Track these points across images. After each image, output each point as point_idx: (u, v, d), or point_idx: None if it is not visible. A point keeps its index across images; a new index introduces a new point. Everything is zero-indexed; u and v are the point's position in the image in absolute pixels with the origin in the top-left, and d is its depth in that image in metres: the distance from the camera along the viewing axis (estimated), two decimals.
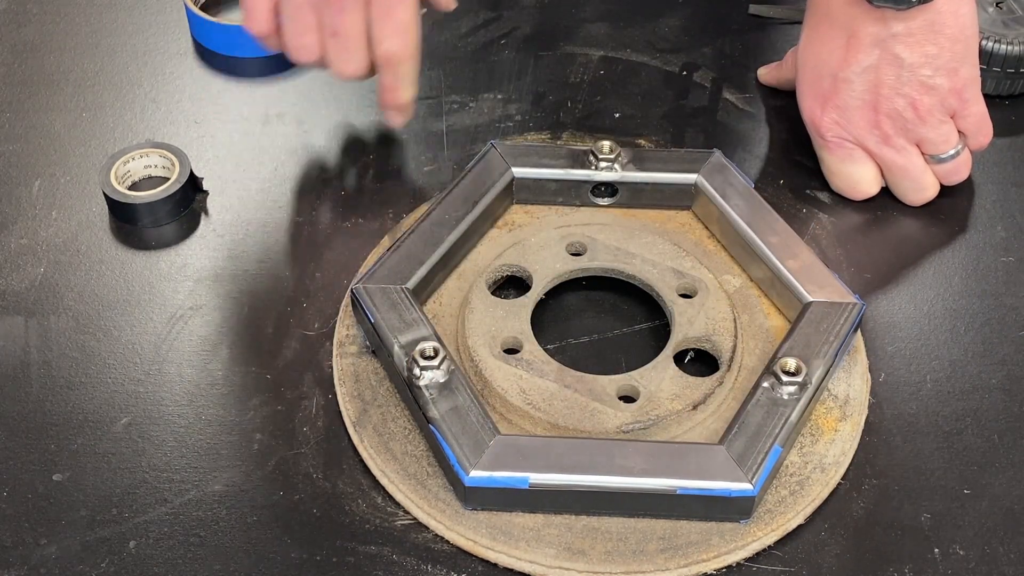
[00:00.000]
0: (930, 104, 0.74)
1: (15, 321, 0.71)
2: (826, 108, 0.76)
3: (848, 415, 0.66)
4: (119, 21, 0.93)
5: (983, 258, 0.76)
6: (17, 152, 0.82)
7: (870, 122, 0.75)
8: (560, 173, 0.76)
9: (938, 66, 0.73)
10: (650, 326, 0.72)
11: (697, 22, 0.94)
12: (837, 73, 0.75)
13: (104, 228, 0.77)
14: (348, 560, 0.61)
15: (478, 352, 0.67)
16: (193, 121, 0.85)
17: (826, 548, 0.62)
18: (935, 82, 0.74)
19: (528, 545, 0.61)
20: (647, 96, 0.87)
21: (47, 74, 0.88)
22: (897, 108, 0.74)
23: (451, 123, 0.85)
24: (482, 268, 0.72)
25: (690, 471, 0.60)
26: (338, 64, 0.75)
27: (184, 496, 0.63)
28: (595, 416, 0.64)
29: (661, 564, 0.60)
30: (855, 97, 0.75)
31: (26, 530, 0.62)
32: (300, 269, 0.75)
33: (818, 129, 0.77)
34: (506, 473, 0.60)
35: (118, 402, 0.67)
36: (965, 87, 0.75)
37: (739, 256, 0.73)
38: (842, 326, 0.67)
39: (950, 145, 0.76)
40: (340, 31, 0.73)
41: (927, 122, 0.75)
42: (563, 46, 0.91)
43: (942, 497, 0.64)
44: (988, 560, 0.61)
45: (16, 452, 0.65)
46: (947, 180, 0.78)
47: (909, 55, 0.73)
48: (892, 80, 0.74)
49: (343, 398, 0.67)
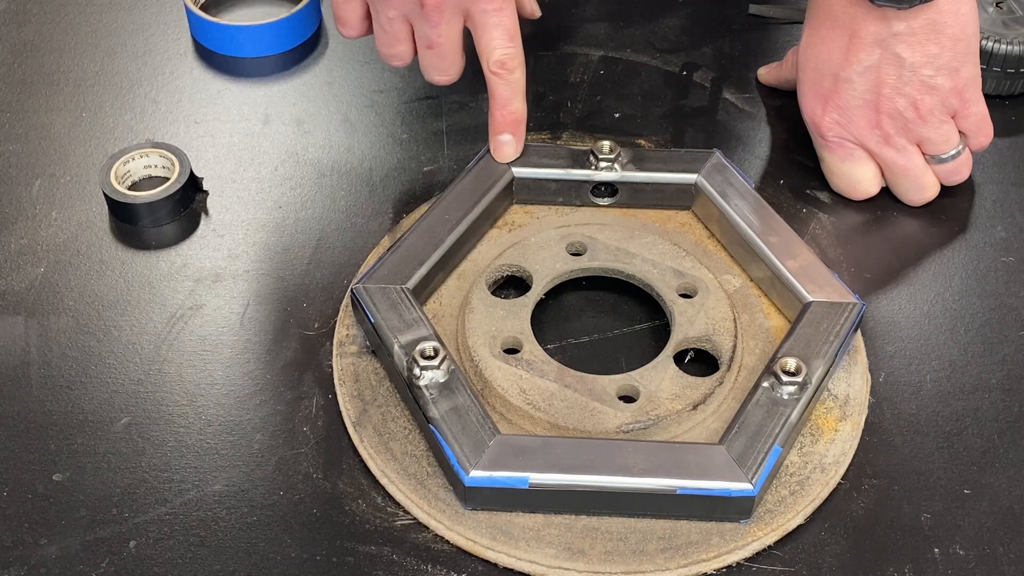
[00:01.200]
0: (931, 104, 0.74)
1: (15, 321, 0.71)
2: (827, 108, 0.76)
3: (848, 415, 0.66)
4: (119, 21, 0.93)
5: (983, 258, 0.76)
6: (17, 152, 0.82)
7: (871, 122, 0.75)
8: (560, 173, 0.76)
9: (939, 65, 0.73)
10: (650, 326, 0.72)
11: (697, 22, 0.94)
12: (838, 73, 0.75)
13: (104, 228, 0.77)
14: (348, 560, 0.61)
15: (478, 352, 0.67)
16: (193, 121, 0.85)
17: (826, 548, 0.62)
18: (936, 82, 0.73)
19: (528, 545, 0.61)
20: (647, 96, 0.87)
21: (47, 74, 0.88)
22: (898, 108, 0.74)
23: (451, 123, 0.85)
24: (482, 268, 0.72)
25: (690, 471, 0.60)
26: (434, 74, 0.75)
27: (184, 496, 0.63)
28: (595, 416, 0.64)
29: (661, 564, 0.60)
30: (856, 97, 0.75)
31: (26, 530, 0.62)
32: (300, 269, 0.75)
33: (819, 129, 0.77)
34: (506, 473, 0.60)
35: (118, 402, 0.67)
36: (966, 87, 0.75)
37: (739, 256, 0.73)
38: (842, 326, 0.67)
39: (951, 145, 0.76)
40: (436, 43, 0.73)
41: (928, 122, 0.75)
42: (563, 46, 0.91)
43: (942, 497, 0.64)
44: (988, 560, 0.61)
45: (16, 452, 0.65)
46: (948, 180, 0.78)
47: (910, 55, 0.73)
48: (893, 80, 0.74)
49: (343, 398, 0.67)
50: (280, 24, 0.89)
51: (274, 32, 0.89)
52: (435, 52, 0.74)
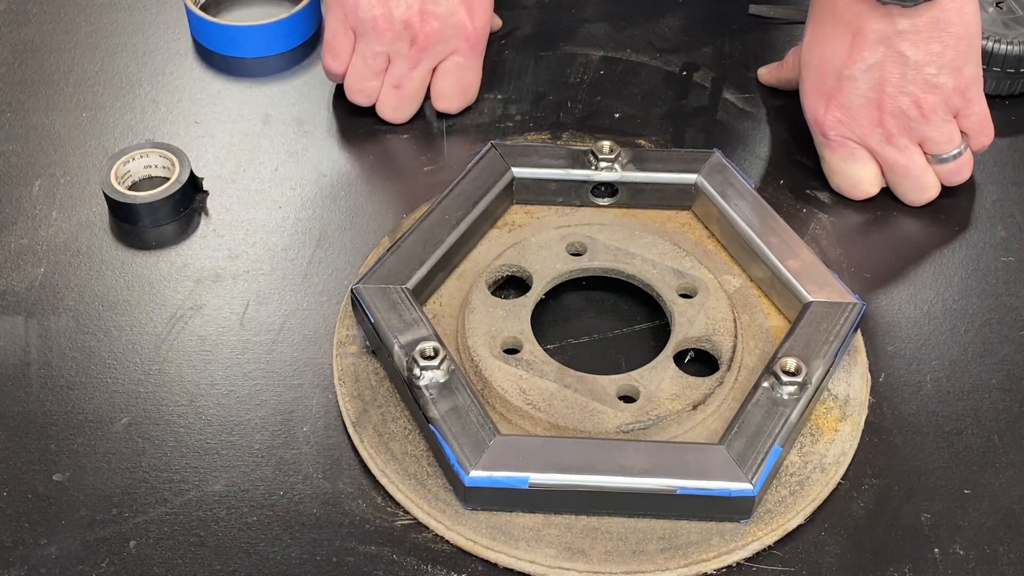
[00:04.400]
0: (934, 103, 0.74)
1: (15, 321, 0.71)
2: (830, 106, 0.76)
3: (848, 415, 0.66)
4: (119, 21, 0.93)
5: (983, 258, 0.76)
6: (17, 152, 0.82)
7: (874, 120, 0.75)
8: (560, 173, 0.76)
9: (943, 64, 0.73)
10: (650, 326, 0.72)
11: (697, 22, 0.94)
12: (842, 71, 0.75)
13: (104, 228, 0.77)
14: (348, 560, 0.61)
15: (478, 352, 0.67)
16: (193, 121, 0.85)
17: (826, 548, 0.62)
18: (940, 80, 0.73)
19: (528, 545, 0.61)
20: (647, 96, 0.87)
21: (47, 74, 0.88)
22: (901, 107, 0.74)
23: (451, 123, 0.85)
24: (482, 268, 0.72)
25: (690, 471, 0.60)
26: (388, 112, 0.82)
27: (184, 496, 0.63)
28: (595, 416, 0.64)
29: (661, 564, 0.60)
30: (859, 95, 0.75)
31: (26, 530, 0.62)
32: (300, 268, 0.75)
33: (821, 127, 0.77)
34: (506, 473, 0.60)
35: (118, 402, 0.67)
36: (968, 86, 0.75)
37: (739, 256, 0.73)
38: (842, 326, 0.67)
39: (953, 145, 0.76)
40: (404, 85, 0.80)
41: (931, 121, 0.75)
42: (563, 46, 0.91)
43: (942, 497, 0.64)
44: (988, 560, 0.61)
45: (16, 452, 0.65)
46: (949, 181, 0.78)
47: (914, 53, 0.73)
48: (897, 78, 0.74)
49: (343, 398, 0.67)
50: (280, 24, 0.89)
51: (274, 32, 0.89)
52: (399, 93, 0.81)
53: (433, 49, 0.79)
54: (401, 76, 0.80)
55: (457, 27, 0.79)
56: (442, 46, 0.79)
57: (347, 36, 0.80)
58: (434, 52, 0.80)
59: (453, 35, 0.79)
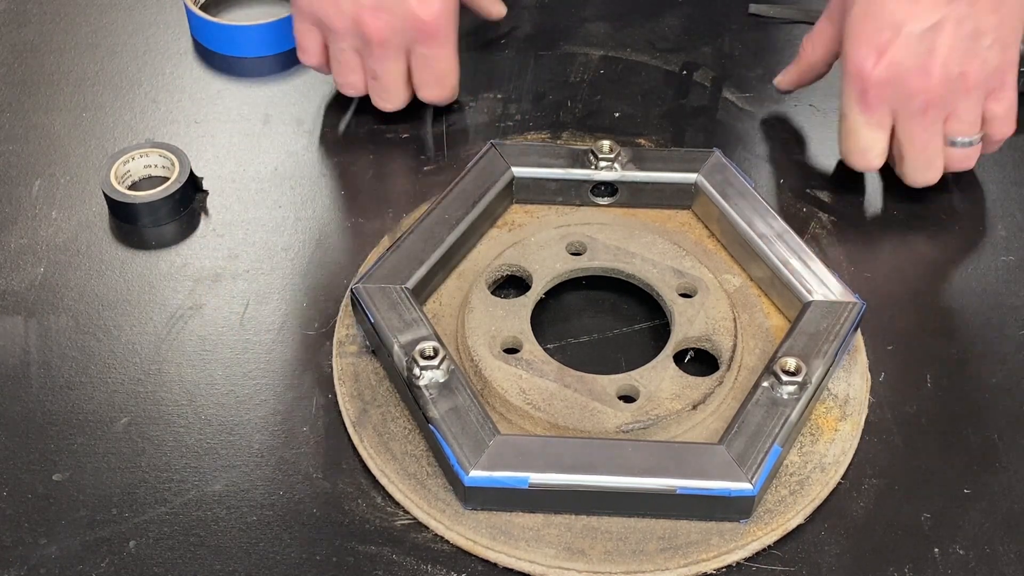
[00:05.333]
0: (978, 78, 0.72)
1: (15, 321, 0.71)
2: (880, 61, 0.72)
3: (848, 415, 0.66)
4: (119, 21, 0.93)
5: (983, 258, 0.76)
6: (17, 152, 0.82)
7: (919, 86, 0.72)
8: (560, 173, 0.76)
9: (996, 38, 0.71)
10: (650, 326, 0.72)
11: (697, 22, 0.94)
12: (901, 25, 0.71)
13: (104, 228, 0.77)
14: (348, 560, 0.61)
15: (478, 352, 0.67)
16: (193, 121, 0.85)
17: (826, 548, 0.62)
18: (989, 55, 0.72)
19: (528, 545, 0.61)
20: (647, 96, 0.87)
21: (47, 74, 0.88)
22: (949, 75, 0.72)
23: (451, 123, 0.85)
24: (482, 268, 0.72)
25: (690, 471, 0.60)
26: (378, 101, 0.82)
27: (184, 496, 0.63)
28: (595, 416, 0.64)
29: (661, 564, 0.60)
30: (912, 55, 0.71)
31: (26, 530, 0.62)
32: (300, 268, 0.75)
33: (865, 82, 0.73)
34: (506, 473, 0.60)
35: (118, 402, 0.67)
36: (1009, 68, 0.73)
37: (739, 256, 0.73)
38: (842, 326, 0.67)
39: (975, 129, 0.75)
40: (380, 76, 0.80)
41: (970, 96, 0.73)
42: (563, 46, 0.91)
43: (942, 497, 0.64)
44: (988, 560, 0.61)
45: (16, 452, 0.65)
46: (955, 166, 0.77)
47: (973, 21, 0.70)
48: (951, 43, 0.71)
49: (343, 398, 0.67)
50: (280, 24, 0.89)
51: (274, 32, 0.89)
52: (379, 84, 0.81)
53: (390, 42, 0.78)
54: (375, 69, 0.80)
55: (408, 18, 0.77)
56: (399, 38, 0.78)
57: (311, 32, 0.80)
58: (393, 44, 0.78)
59: (406, 27, 0.78)
